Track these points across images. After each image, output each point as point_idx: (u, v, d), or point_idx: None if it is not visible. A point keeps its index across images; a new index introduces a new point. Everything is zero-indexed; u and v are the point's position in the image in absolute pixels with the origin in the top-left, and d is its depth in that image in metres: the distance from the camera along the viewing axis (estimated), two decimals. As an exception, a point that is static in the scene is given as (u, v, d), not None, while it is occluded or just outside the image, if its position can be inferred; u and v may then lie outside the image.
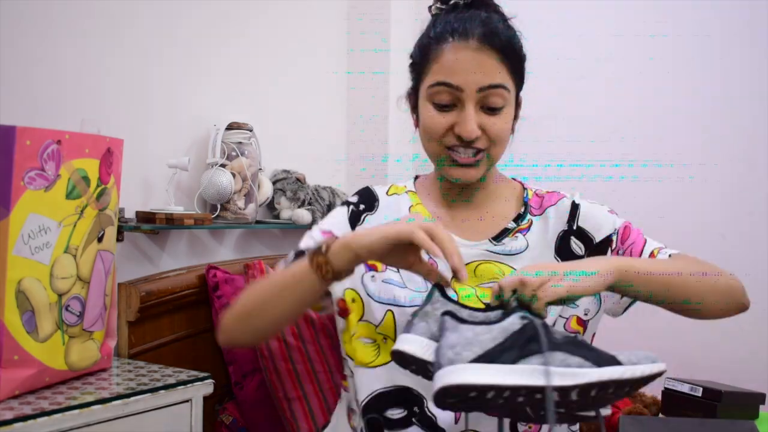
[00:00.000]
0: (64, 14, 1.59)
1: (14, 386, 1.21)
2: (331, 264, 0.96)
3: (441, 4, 1.14)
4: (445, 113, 1.09)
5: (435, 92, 1.09)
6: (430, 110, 1.10)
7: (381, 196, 1.23)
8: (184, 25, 1.85)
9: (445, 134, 1.10)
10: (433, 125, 1.10)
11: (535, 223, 1.18)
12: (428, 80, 1.10)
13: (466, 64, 1.06)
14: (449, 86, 1.07)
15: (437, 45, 1.09)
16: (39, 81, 1.55)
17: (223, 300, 1.73)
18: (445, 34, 1.09)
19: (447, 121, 1.09)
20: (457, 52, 1.07)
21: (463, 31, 1.08)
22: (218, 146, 1.84)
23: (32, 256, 1.21)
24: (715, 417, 1.59)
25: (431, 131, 1.10)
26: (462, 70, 1.07)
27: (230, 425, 1.74)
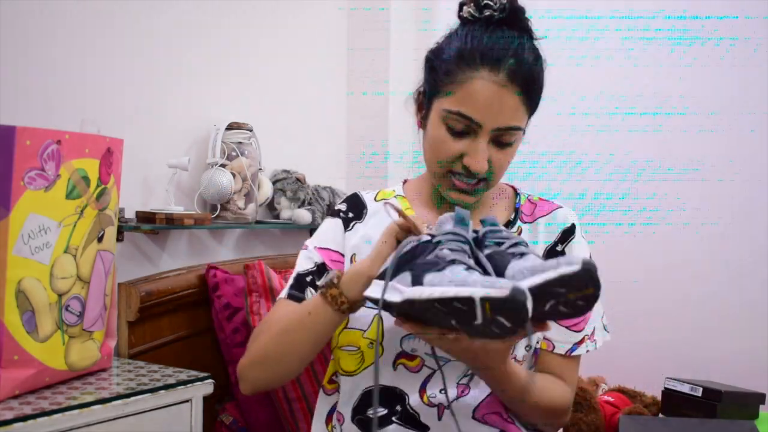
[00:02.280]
0: (64, 14, 1.59)
1: (14, 386, 1.21)
2: (345, 296, 0.98)
3: (476, 12, 1.09)
4: (456, 140, 1.08)
5: (452, 119, 1.07)
6: (442, 132, 1.08)
7: (369, 202, 1.23)
8: (184, 26, 1.85)
9: (453, 160, 1.09)
10: (444, 149, 1.09)
11: (524, 231, 1.18)
12: (447, 103, 1.07)
13: (490, 101, 1.04)
14: (469, 120, 1.06)
15: (465, 69, 1.05)
16: (39, 81, 1.55)
17: (223, 300, 1.73)
18: (474, 58, 1.05)
19: (458, 149, 1.08)
20: (484, 86, 1.04)
21: (494, 61, 1.04)
22: (218, 146, 1.84)
23: (32, 256, 1.21)
24: (715, 417, 1.59)
25: (439, 154, 1.10)
26: (485, 107, 1.05)
27: (230, 425, 1.74)
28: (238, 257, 2.00)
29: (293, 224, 2.03)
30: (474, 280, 0.76)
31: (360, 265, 0.98)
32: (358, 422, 1.12)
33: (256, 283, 1.72)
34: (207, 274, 1.76)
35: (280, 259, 2.00)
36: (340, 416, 1.16)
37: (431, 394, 1.08)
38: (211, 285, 1.74)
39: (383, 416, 1.09)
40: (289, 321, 1.04)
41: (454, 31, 1.12)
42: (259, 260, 1.81)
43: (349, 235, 1.19)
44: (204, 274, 1.76)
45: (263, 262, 1.79)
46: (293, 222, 2.03)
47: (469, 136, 1.07)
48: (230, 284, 1.75)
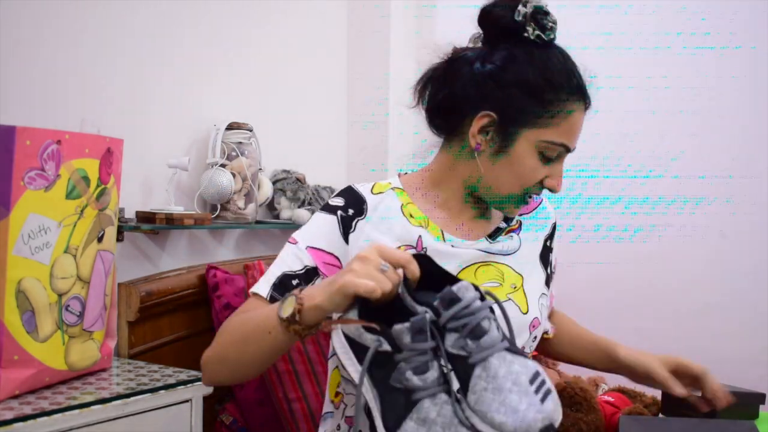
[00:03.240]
0: (64, 15, 1.59)
1: (14, 386, 1.21)
2: (306, 326, 0.94)
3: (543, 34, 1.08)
4: (546, 166, 1.11)
5: (552, 149, 1.09)
6: (535, 161, 1.10)
7: (367, 195, 1.18)
8: (184, 26, 1.85)
9: (535, 183, 1.12)
10: (534, 176, 1.11)
11: (524, 223, 1.22)
12: (548, 134, 1.08)
13: (580, 129, 1.11)
14: (566, 148, 1.10)
15: (565, 100, 1.08)
16: (39, 81, 1.55)
17: (223, 300, 1.73)
18: (574, 92, 1.09)
19: (544, 174, 1.11)
20: (579, 116, 1.10)
21: (585, 92, 1.10)
22: (218, 146, 1.84)
23: (32, 256, 1.21)
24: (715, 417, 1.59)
25: (527, 180, 1.11)
26: (577, 135, 1.11)
27: (230, 425, 1.74)
28: (238, 257, 2.00)
29: (293, 224, 2.03)
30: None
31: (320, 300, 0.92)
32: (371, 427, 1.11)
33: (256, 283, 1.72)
34: (207, 274, 1.76)
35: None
36: (350, 420, 1.15)
37: None
38: (211, 285, 1.74)
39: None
40: (249, 330, 1.02)
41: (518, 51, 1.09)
42: (259, 260, 1.81)
43: (354, 237, 1.14)
44: (204, 274, 1.76)
45: (263, 262, 1.79)
46: (293, 222, 2.03)
47: (556, 161, 1.11)
48: (230, 284, 1.75)
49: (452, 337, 0.85)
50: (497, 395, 0.80)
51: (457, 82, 1.12)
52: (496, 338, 0.85)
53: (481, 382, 0.82)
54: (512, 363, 0.83)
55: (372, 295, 0.86)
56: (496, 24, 1.11)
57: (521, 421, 0.78)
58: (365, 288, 0.85)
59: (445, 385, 0.84)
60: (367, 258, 0.89)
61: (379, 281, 0.86)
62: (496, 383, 0.81)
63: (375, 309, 0.88)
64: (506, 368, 0.82)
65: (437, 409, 0.82)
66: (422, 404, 0.82)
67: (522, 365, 0.83)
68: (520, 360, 0.84)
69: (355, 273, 0.87)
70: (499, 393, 0.81)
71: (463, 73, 1.11)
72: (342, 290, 0.87)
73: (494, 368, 0.82)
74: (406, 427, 0.82)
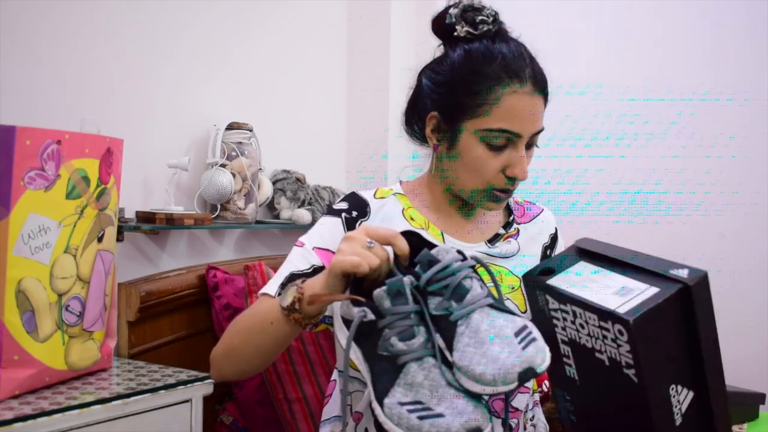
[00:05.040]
0: (64, 14, 1.59)
1: (14, 386, 1.21)
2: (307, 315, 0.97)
3: (472, 29, 1.12)
4: (497, 155, 1.11)
5: (493, 136, 1.10)
6: (482, 151, 1.11)
7: (370, 200, 1.22)
8: (184, 26, 1.85)
9: (495, 176, 1.12)
10: (487, 167, 1.11)
11: (522, 230, 1.24)
12: (485, 123, 1.09)
13: (524, 111, 1.09)
14: (510, 133, 1.09)
15: (495, 86, 1.09)
16: (39, 81, 1.55)
17: (223, 300, 1.73)
18: (500, 74, 1.09)
19: (499, 163, 1.11)
20: (516, 98, 1.09)
21: (517, 72, 1.09)
22: (218, 146, 1.84)
23: (32, 256, 1.21)
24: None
25: (483, 172, 1.12)
26: (521, 118, 1.09)
27: (230, 425, 1.74)
28: (238, 257, 2.00)
29: (293, 224, 2.03)
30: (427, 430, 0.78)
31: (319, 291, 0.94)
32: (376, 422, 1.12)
33: (256, 283, 1.72)
34: (207, 274, 1.76)
35: (280, 259, 1.98)
36: (357, 415, 1.15)
37: None
38: (211, 285, 1.74)
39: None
40: (254, 323, 1.05)
41: (452, 52, 1.14)
42: (260, 261, 1.81)
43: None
44: (204, 274, 1.76)
45: (263, 262, 1.79)
46: (293, 222, 2.03)
47: (507, 148, 1.11)
48: (230, 284, 1.75)
49: (435, 300, 0.85)
50: (479, 348, 0.80)
51: (416, 92, 1.20)
52: (478, 295, 0.85)
53: (464, 338, 0.82)
54: (496, 318, 0.83)
55: (359, 270, 0.87)
56: (437, 30, 1.18)
57: (500, 369, 0.78)
58: (351, 263, 0.87)
59: (433, 348, 0.84)
60: (352, 237, 0.91)
61: (365, 257, 0.87)
62: (478, 337, 0.81)
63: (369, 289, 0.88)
64: (490, 322, 0.82)
65: (424, 373, 0.82)
66: (409, 368, 0.82)
67: (508, 320, 0.83)
68: (506, 315, 0.84)
69: (341, 252, 0.89)
70: (480, 346, 0.80)
71: (420, 83, 1.19)
72: (332, 271, 0.89)
73: (476, 323, 0.83)
74: (394, 393, 0.82)
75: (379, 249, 0.90)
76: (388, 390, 0.82)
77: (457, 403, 0.80)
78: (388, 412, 0.82)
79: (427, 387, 0.81)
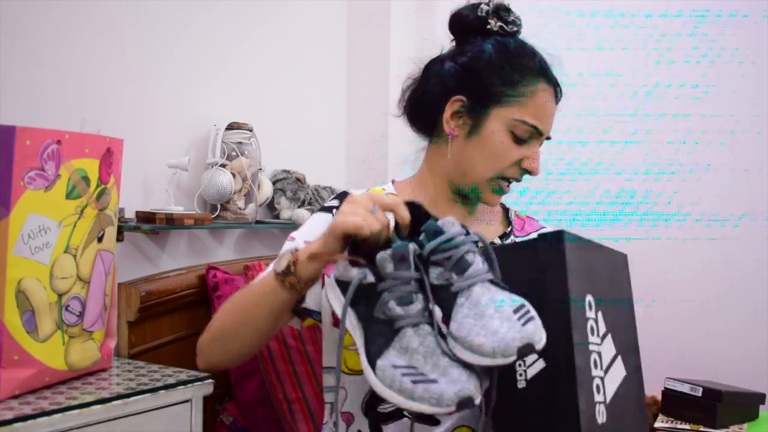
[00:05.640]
0: (64, 14, 1.59)
1: (14, 386, 1.21)
2: (302, 279, 0.97)
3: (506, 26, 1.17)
4: (519, 147, 1.14)
5: (521, 128, 1.13)
6: (507, 140, 1.14)
7: None
8: (184, 26, 1.85)
9: (510, 166, 1.15)
10: (506, 156, 1.14)
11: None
12: (517, 112, 1.13)
13: (550, 113, 1.16)
14: (535, 129, 1.14)
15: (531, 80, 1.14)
16: (39, 81, 1.55)
17: (223, 300, 1.73)
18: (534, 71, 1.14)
19: (519, 155, 1.14)
20: (547, 98, 1.15)
21: (548, 74, 1.16)
22: (218, 146, 1.84)
23: (32, 256, 1.21)
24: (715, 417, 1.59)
25: (502, 160, 1.14)
26: (547, 118, 1.16)
27: (230, 425, 1.74)
28: (238, 257, 2.00)
29: (293, 224, 2.03)
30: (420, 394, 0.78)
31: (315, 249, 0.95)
32: (372, 417, 1.12)
33: (256, 283, 1.72)
34: (207, 274, 1.76)
35: (280, 259, 2.00)
36: (347, 416, 1.16)
37: None
38: (211, 285, 1.74)
39: (395, 410, 1.10)
40: (246, 299, 1.05)
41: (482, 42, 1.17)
42: (259, 260, 1.81)
43: None
44: (204, 275, 1.76)
45: (263, 262, 1.79)
46: (293, 222, 2.03)
47: (528, 143, 1.15)
48: (230, 284, 1.75)
49: (436, 270, 0.85)
50: (478, 320, 0.80)
51: (431, 80, 1.21)
52: (480, 269, 0.85)
53: (464, 309, 0.82)
54: (496, 293, 0.83)
55: (360, 233, 0.87)
56: (463, 23, 1.21)
57: (500, 341, 0.78)
58: (353, 224, 0.87)
59: (430, 318, 0.84)
60: (356, 200, 0.91)
61: (367, 220, 0.87)
62: (477, 309, 0.81)
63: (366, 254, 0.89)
64: (490, 296, 0.82)
65: (420, 339, 0.82)
66: (405, 333, 0.82)
67: (507, 297, 0.83)
68: (505, 293, 0.84)
69: (344, 214, 0.89)
70: (480, 318, 0.80)
71: (435, 71, 1.21)
72: (332, 231, 0.89)
73: (477, 296, 0.82)
74: (387, 355, 0.82)
75: (382, 215, 0.90)
76: (382, 352, 0.82)
77: (452, 371, 0.79)
78: (380, 374, 0.81)
79: (421, 353, 0.81)
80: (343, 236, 0.89)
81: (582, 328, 0.92)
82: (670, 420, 1.65)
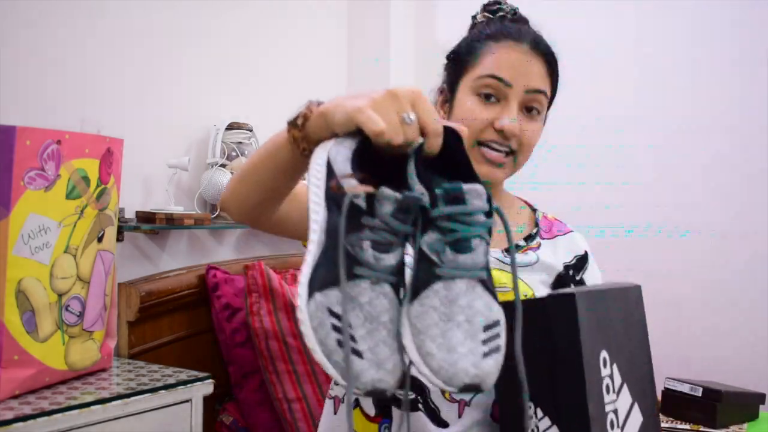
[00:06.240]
0: (64, 15, 1.59)
1: (14, 386, 1.21)
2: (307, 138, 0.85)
3: (489, 14, 1.17)
4: (488, 106, 1.09)
5: (482, 84, 1.09)
6: (473, 102, 1.09)
7: None
8: (184, 26, 1.85)
9: (484, 129, 1.08)
10: (477, 117, 1.08)
11: (543, 245, 1.18)
12: (477, 72, 1.10)
13: (518, 64, 1.09)
14: (500, 80, 1.08)
15: (491, 42, 1.11)
16: (39, 81, 1.55)
17: (223, 300, 1.73)
18: (498, 35, 1.12)
19: (489, 115, 1.08)
20: (511, 51, 1.10)
21: (516, 35, 1.11)
22: (218, 146, 1.84)
23: (32, 256, 1.21)
24: (715, 417, 1.59)
25: (470, 124, 1.08)
26: (514, 68, 1.09)
27: (230, 425, 1.74)
28: (238, 257, 2.00)
29: (293, 224, 2.03)
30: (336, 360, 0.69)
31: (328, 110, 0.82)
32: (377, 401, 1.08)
33: (256, 283, 1.72)
34: (207, 274, 1.76)
35: (280, 260, 2.00)
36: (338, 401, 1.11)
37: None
38: (210, 285, 1.74)
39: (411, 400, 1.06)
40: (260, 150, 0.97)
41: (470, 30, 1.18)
42: (259, 260, 1.81)
43: None
44: (204, 274, 1.76)
45: (263, 262, 1.79)
46: (293, 222, 2.03)
47: (500, 102, 1.09)
48: (230, 284, 1.75)
49: (434, 235, 0.73)
50: (444, 322, 0.70)
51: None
52: (477, 263, 0.73)
53: (436, 299, 0.71)
54: (478, 298, 0.72)
55: (376, 139, 0.74)
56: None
57: (450, 365, 0.68)
58: (373, 127, 0.74)
59: (397, 277, 0.73)
60: (397, 97, 0.77)
61: (393, 128, 0.75)
62: (449, 309, 0.71)
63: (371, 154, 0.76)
64: (469, 299, 0.72)
65: (372, 296, 0.71)
66: (360, 282, 0.71)
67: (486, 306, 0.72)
68: (488, 299, 0.73)
69: (374, 104, 0.76)
70: (446, 321, 0.70)
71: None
72: (349, 113, 0.77)
73: (457, 292, 0.72)
74: (329, 293, 0.70)
75: (414, 131, 0.76)
76: (327, 286, 0.71)
77: (382, 351, 0.70)
78: (312, 309, 0.71)
79: (365, 311, 0.71)
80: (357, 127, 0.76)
81: (598, 393, 0.86)
82: (670, 420, 1.65)
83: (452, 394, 1.02)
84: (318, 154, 0.79)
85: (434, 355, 0.68)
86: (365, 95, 0.77)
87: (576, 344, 0.85)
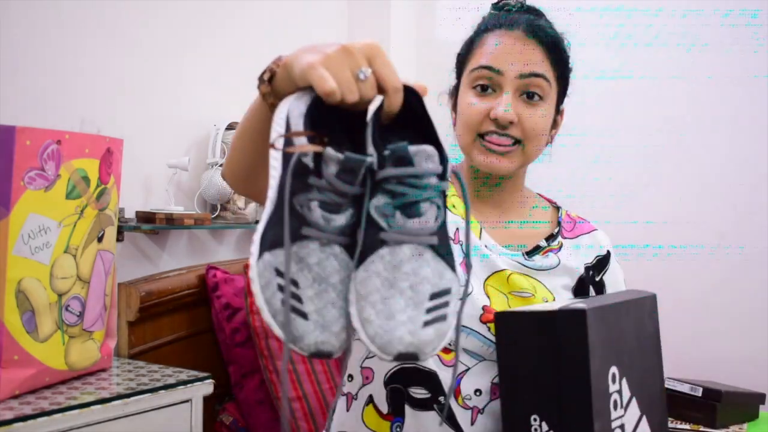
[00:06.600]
0: (64, 15, 1.59)
1: (14, 386, 1.21)
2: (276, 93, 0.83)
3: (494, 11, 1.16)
4: (483, 98, 1.07)
5: (475, 77, 1.08)
6: (469, 96, 1.08)
7: None
8: (184, 26, 1.85)
9: (482, 121, 1.07)
10: (471, 111, 1.07)
11: (565, 246, 1.15)
12: (470, 66, 1.10)
13: (509, 49, 1.06)
14: (489, 69, 1.06)
15: (483, 34, 1.10)
16: (39, 81, 1.55)
17: (223, 300, 1.73)
18: (490, 25, 1.10)
19: (485, 107, 1.06)
20: (501, 38, 1.08)
21: (509, 23, 1.09)
22: (218, 146, 1.84)
23: (32, 256, 1.21)
24: (715, 417, 1.59)
25: (468, 118, 1.07)
26: (504, 55, 1.06)
27: (230, 425, 1.74)
28: (238, 257, 2.00)
29: (293, 224, 2.03)
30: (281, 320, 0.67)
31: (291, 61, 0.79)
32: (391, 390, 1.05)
33: (256, 283, 1.72)
34: (207, 274, 1.76)
35: (280, 259, 2.00)
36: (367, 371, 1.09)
37: (466, 395, 1.03)
38: (210, 285, 1.74)
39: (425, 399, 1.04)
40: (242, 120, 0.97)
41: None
42: (259, 260, 1.81)
43: None
44: (204, 274, 1.76)
45: (263, 262, 1.79)
46: (293, 222, 2.03)
47: (496, 93, 1.07)
48: (230, 284, 1.75)
49: (382, 198, 0.69)
50: (385, 288, 0.67)
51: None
52: (427, 228, 0.68)
53: (380, 264, 0.68)
54: (425, 265, 0.68)
55: (327, 99, 0.69)
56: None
57: (385, 332, 0.65)
58: (322, 87, 0.69)
59: (349, 239, 0.69)
60: (350, 52, 0.71)
61: (346, 87, 0.69)
62: (392, 274, 0.67)
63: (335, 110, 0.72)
64: (415, 266, 0.67)
65: (322, 257, 0.68)
66: (308, 243, 0.68)
67: (437, 273, 0.68)
68: (439, 266, 0.68)
69: (326, 60, 0.70)
70: (388, 287, 0.67)
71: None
72: (302, 70, 0.72)
73: (401, 258, 0.68)
74: (278, 253, 0.69)
75: (370, 88, 0.71)
76: (275, 246, 0.69)
77: (329, 312, 0.67)
78: (260, 268, 0.70)
79: (313, 272, 0.68)
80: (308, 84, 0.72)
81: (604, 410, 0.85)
82: (670, 420, 1.65)
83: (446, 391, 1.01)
84: (280, 109, 0.76)
85: (372, 321, 0.65)
86: (320, 50, 0.71)
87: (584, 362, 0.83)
